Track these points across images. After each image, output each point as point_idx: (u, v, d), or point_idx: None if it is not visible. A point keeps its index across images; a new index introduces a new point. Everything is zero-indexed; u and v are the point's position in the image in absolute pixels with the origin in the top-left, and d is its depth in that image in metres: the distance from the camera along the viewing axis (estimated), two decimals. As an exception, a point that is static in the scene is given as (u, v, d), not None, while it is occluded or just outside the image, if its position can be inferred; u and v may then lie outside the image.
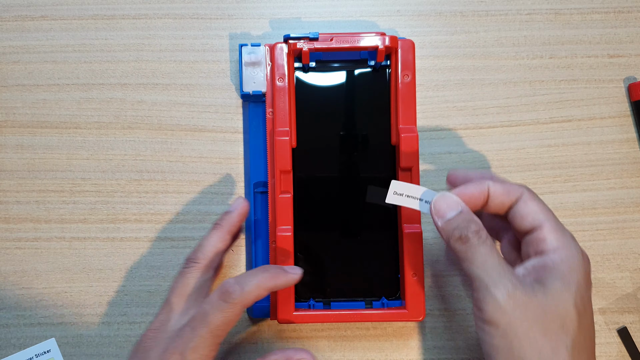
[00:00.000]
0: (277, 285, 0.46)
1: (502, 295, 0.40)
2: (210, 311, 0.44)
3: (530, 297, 0.40)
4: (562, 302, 0.40)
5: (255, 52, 0.54)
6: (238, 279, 0.45)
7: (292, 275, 0.47)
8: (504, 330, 0.40)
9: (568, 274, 0.41)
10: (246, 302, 0.44)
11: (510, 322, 0.40)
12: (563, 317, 0.40)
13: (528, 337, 0.39)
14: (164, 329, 0.46)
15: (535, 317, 0.40)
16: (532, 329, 0.40)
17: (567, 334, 0.39)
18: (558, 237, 0.42)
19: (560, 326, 0.39)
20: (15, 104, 0.58)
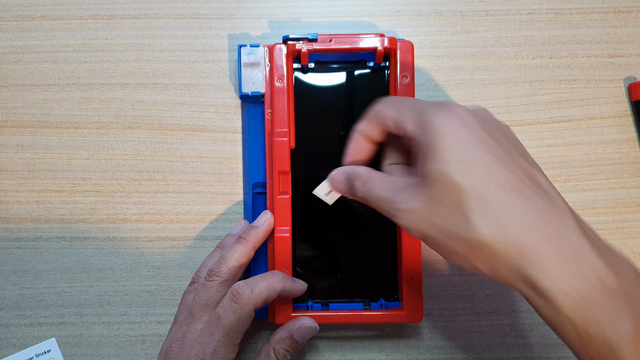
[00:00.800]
0: (285, 290, 0.48)
1: (400, 214, 0.39)
2: (223, 314, 0.46)
3: (423, 195, 0.38)
4: (441, 182, 0.37)
5: (254, 52, 0.54)
6: (248, 281, 0.47)
7: (298, 285, 0.50)
8: (427, 238, 0.39)
9: (431, 151, 0.38)
10: (257, 303, 0.46)
11: (424, 230, 0.38)
12: (451, 191, 0.37)
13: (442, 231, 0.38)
14: (187, 339, 0.47)
15: (436, 210, 0.38)
16: (441, 222, 0.38)
17: (467, 205, 0.36)
18: (416, 121, 0.40)
19: (456, 207, 0.37)
20: (16, 104, 0.58)
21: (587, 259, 0.34)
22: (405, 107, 0.42)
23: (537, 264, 0.34)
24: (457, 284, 0.56)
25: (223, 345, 0.46)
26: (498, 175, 0.36)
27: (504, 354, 0.56)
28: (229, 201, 0.57)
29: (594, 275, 0.33)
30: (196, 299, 0.48)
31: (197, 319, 0.48)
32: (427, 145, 0.39)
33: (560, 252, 0.34)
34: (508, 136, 0.40)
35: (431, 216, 0.38)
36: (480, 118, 0.39)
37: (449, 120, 0.38)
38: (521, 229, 0.35)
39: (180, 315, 0.49)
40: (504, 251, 0.35)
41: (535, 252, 0.35)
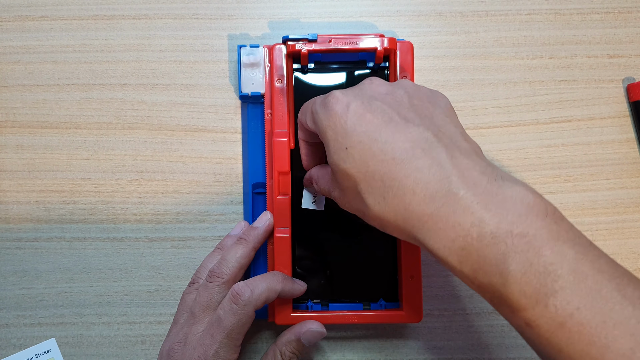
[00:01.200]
0: (285, 290, 0.49)
1: (337, 202, 0.44)
2: (223, 316, 0.46)
3: (336, 184, 0.43)
4: (337, 172, 0.41)
5: (254, 53, 0.54)
6: (248, 282, 0.47)
7: (298, 285, 0.50)
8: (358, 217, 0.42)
9: (325, 145, 0.41)
10: (257, 304, 0.46)
11: (352, 212, 0.43)
12: (346, 178, 0.40)
13: (358, 211, 0.42)
14: (188, 340, 0.47)
15: (346, 196, 0.42)
16: (354, 204, 0.41)
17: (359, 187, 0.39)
18: (312, 120, 0.43)
19: (354, 191, 0.40)
20: (16, 104, 0.58)
21: (466, 210, 0.34)
22: (307, 109, 0.45)
23: (420, 227, 0.36)
24: (457, 284, 0.56)
25: (225, 346, 0.46)
26: (373, 149, 0.38)
27: (503, 354, 0.56)
28: (229, 201, 0.57)
29: (470, 224, 0.34)
30: (197, 300, 0.48)
31: (198, 321, 0.48)
32: (322, 140, 0.42)
33: (439, 209, 0.35)
34: (398, 100, 0.41)
35: (347, 201, 0.42)
36: (364, 95, 0.41)
37: (327, 112, 0.40)
38: (402, 197, 0.36)
39: (181, 317, 0.49)
40: (395, 222, 0.37)
41: (416, 216, 0.36)
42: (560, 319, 0.32)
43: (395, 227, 0.38)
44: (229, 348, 0.46)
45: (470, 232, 0.34)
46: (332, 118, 0.40)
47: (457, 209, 0.34)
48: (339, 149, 0.39)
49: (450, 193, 0.35)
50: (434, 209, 0.35)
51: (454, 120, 0.40)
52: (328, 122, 0.40)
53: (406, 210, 0.36)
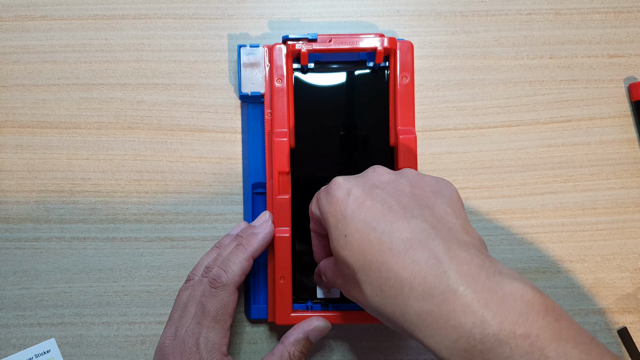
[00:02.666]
0: (255, 250, 0.49)
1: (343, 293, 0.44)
2: (205, 301, 0.47)
3: (339, 274, 0.43)
4: (338, 259, 0.40)
5: (253, 53, 0.54)
6: (220, 265, 0.48)
7: (262, 234, 0.50)
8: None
9: (328, 233, 0.41)
10: (235, 280, 0.47)
11: (354, 301, 0.42)
12: (346, 266, 0.40)
13: (359, 302, 0.41)
14: (179, 334, 0.47)
15: (348, 285, 0.42)
16: (354, 294, 0.41)
17: (357, 276, 0.39)
18: (318, 208, 0.44)
19: (354, 280, 0.39)
20: (15, 104, 0.58)
21: (466, 309, 0.33)
22: (314, 198, 0.46)
23: (419, 325, 0.35)
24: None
25: (213, 330, 0.46)
26: (371, 238, 0.38)
27: (503, 354, 0.56)
28: (229, 201, 0.57)
29: (472, 324, 0.33)
30: (192, 295, 0.48)
31: (188, 314, 0.48)
32: (325, 227, 0.42)
33: (438, 307, 0.34)
34: (399, 189, 0.41)
35: (348, 290, 0.42)
36: (366, 183, 0.41)
37: (329, 198, 0.41)
38: (400, 290, 0.36)
39: (175, 313, 0.49)
40: (393, 316, 0.37)
41: (414, 312, 0.35)
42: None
43: (392, 321, 0.37)
44: (217, 331, 0.46)
45: (473, 333, 0.33)
46: (333, 205, 0.40)
47: (457, 307, 0.34)
48: (338, 236, 0.39)
49: (449, 289, 0.34)
50: (432, 306, 0.34)
51: (456, 211, 0.40)
52: (329, 209, 0.41)
53: (404, 304, 0.36)
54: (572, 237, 0.57)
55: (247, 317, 0.56)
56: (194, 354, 0.45)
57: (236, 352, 0.56)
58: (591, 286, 0.57)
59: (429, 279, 0.35)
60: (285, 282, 0.51)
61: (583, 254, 0.57)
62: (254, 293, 0.55)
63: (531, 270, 0.57)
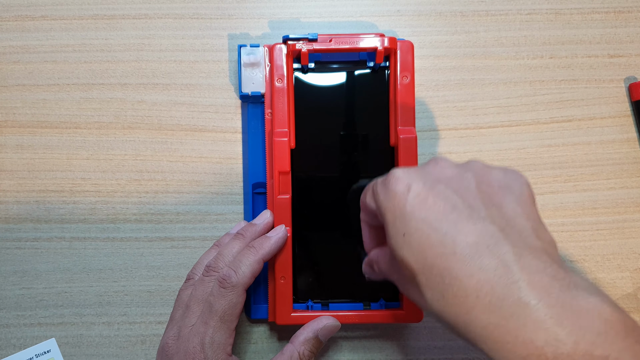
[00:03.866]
0: (267, 253, 0.49)
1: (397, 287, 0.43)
2: (214, 301, 0.46)
3: (396, 270, 0.41)
4: (396, 258, 0.38)
5: (254, 53, 0.54)
6: (230, 265, 0.47)
7: (275, 239, 0.50)
8: None
9: (385, 228, 0.39)
10: (245, 282, 0.47)
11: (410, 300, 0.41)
12: (404, 266, 0.37)
13: (417, 303, 0.39)
14: (182, 334, 0.47)
15: (405, 284, 0.40)
16: (411, 294, 0.39)
17: (416, 279, 0.36)
18: (375, 201, 0.41)
19: (412, 281, 0.37)
20: (16, 104, 0.58)
21: (538, 324, 0.31)
22: (369, 190, 0.42)
23: (485, 338, 0.33)
24: (457, 284, 0.56)
25: (219, 330, 0.46)
26: (432, 239, 0.35)
27: (504, 354, 0.56)
28: (229, 201, 0.57)
29: (544, 342, 0.31)
30: (193, 294, 0.48)
31: (192, 313, 0.47)
32: (382, 222, 0.39)
33: (507, 321, 0.32)
34: (465, 185, 0.38)
35: (406, 289, 0.40)
36: (427, 177, 0.38)
37: (387, 193, 0.38)
38: (464, 299, 0.33)
39: (176, 313, 0.49)
40: (456, 324, 0.34)
41: (480, 324, 0.33)
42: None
43: (454, 330, 0.35)
44: (223, 332, 0.46)
45: (545, 351, 0.30)
46: (391, 200, 0.37)
47: (528, 323, 0.31)
48: (396, 234, 0.37)
49: (520, 302, 0.31)
50: (500, 319, 0.32)
51: (527, 210, 0.37)
52: (387, 204, 0.38)
53: (468, 314, 0.33)
54: (572, 237, 0.57)
55: (248, 317, 0.56)
56: (199, 354, 0.45)
57: (237, 352, 0.56)
58: (591, 286, 0.57)
59: (497, 290, 0.32)
60: (286, 282, 0.51)
61: (583, 254, 0.57)
62: (254, 293, 0.55)
63: (531, 270, 0.57)
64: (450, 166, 0.39)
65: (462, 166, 0.39)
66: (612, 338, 0.30)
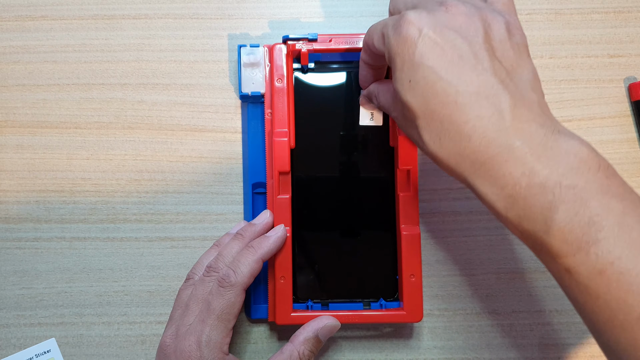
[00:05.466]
0: (265, 253, 0.49)
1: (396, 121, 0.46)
2: (212, 299, 0.46)
3: (398, 108, 0.44)
4: (400, 100, 0.40)
5: (254, 53, 0.54)
6: (230, 265, 0.48)
7: (274, 238, 0.50)
8: None
9: (391, 70, 0.41)
10: (243, 282, 0.47)
11: (407, 136, 0.44)
12: (407, 109, 0.40)
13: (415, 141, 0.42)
14: (180, 332, 0.47)
15: (406, 123, 0.42)
16: (411, 133, 0.42)
17: (417, 122, 0.39)
18: (382, 41, 0.42)
19: (413, 124, 0.40)
20: (16, 104, 0.58)
21: (518, 160, 0.35)
22: (376, 30, 0.43)
23: (472, 172, 0.37)
24: (457, 284, 0.56)
25: (216, 329, 0.46)
26: (436, 87, 0.37)
27: (504, 354, 0.56)
28: (229, 201, 0.57)
29: (521, 173, 0.34)
30: (193, 294, 0.48)
31: (190, 313, 0.47)
32: (390, 65, 0.41)
33: (492, 158, 0.35)
34: (472, 33, 0.39)
35: (405, 127, 0.43)
36: (438, 22, 0.39)
37: (398, 37, 0.39)
38: (458, 142, 0.37)
39: (176, 312, 0.49)
40: (448, 162, 0.38)
41: (469, 161, 0.37)
42: (600, 267, 0.32)
43: (447, 167, 0.38)
44: (220, 330, 0.46)
45: (520, 181, 0.34)
46: (401, 45, 0.39)
47: (510, 159, 0.35)
48: (403, 79, 0.39)
49: (506, 144, 0.35)
50: (487, 157, 0.36)
51: (525, 62, 0.39)
52: (397, 49, 0.39)
53: (460, 155, 0.37)
54: (572, 237, 0.57)
55: (248, 317, 0.56)
56: (194, 352, 0.45)
57: (236, 351, 0.55)
58: (591, 286, 0.57)
59: (488, 134, 0.36)
60: (286, 282, 0.51)
61: (583, 254, 0.57)
62: (254, 293, 0.55)
63: (531, 270, 0.57)
64: (461, 13, 0.40)
65: (474, 14, 0.40)
66: (582, 172, 0.34)
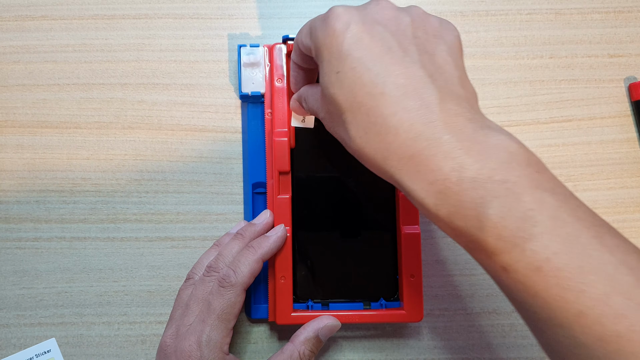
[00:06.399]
0: (266, 253, 0.49)
1: (323, 122, 0.43)
2: (212, 299, 0.46)
3: (323, 106, 0.41)
4: (326, 94, 0.39)
5: (254, 52, 0.54)
6: (230, 265, 0.48)
7: (274, 238, 0.50)
8: None
9: (318, 64, 0.40)
10: (243, 282, 0.47)
11: (335, 136, 0.41)
12: (333, 103, 0.38)
13: (340, 139, 0.40)
14: (180, 332, 0.47)
15: (332, 120, 0.41)
16: (337, 130, 0.40)
17: (344, 117, 0.38)
18: (310, 37, 0.41)
19: (339, 119, 0.39)
20: (16, 104, 0.58)
21: (447, 154, 0.33)
22: (305, 26, 0.43)
23: (399, 168, 0.35)
24: (457, 284, 0.56)
25: (216, 329, 0.46)
26: (364, 79, 0.36)
27: (504, 354, 0.56)
28: (229, 201, 0.57)
29: (450, 168, 0.33)
30: (193, 294, 0.48)
31: (191, 313, 0.48)
32: (316, 59, 0.40)
33: (420, 152, 0.34)
34: (402, 29, 0.38)
35: (332, 125, 0.41)
36: (367, 17, 0.38)
37: (325, 29, 0.38)
38: (385, 135, 0.36)
39: (176, 312, 0.49)
40: (375, 159, 0.37)
41: (396, 156, 0.35)
42: (537, 263, 0.32)
43: (373, 164, 0.37)
44: (220, 330, 0.46)
45: (450, 176, 0.33)
46: (329, 37, 0.38)
47: (438, 153, 0.34)
48: (330, 72, 0.38)
49: (434, 137, 0.34)
50: (415, 151, 0.34)
51: (456, 61, 0.39)
52: (324, 41, 0.38)
53: (387, 150, 0.36)
54: (572, 236, 0.57)
55: (248, 316, 0.56)
56: (195, 352, 0.45)
57: (237, 351, 0.55)
58: (591, 286, 0.57)
59: (416, 127, 0.35)
60: (286, 282, 0.51)
61: (583, 254, 0.57)
62: (254, 293, 0.55)
63: (531, 270, 0.57)
64: (390, 7, 0.40)
65: (402, 10, 0.40)
66: (513, 166, 0.33)
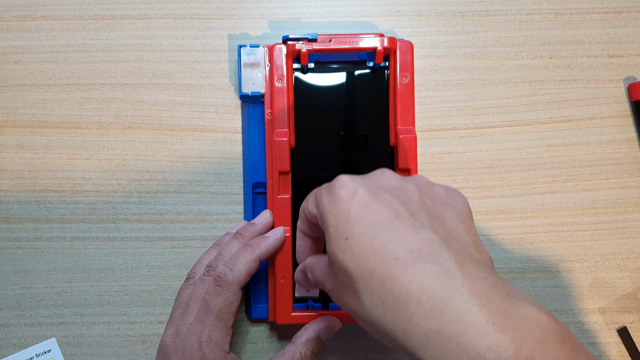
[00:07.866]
0: (263, 253, 0.49)
1: (330, 297, 0.40)
2: (209, 299, 0.47)
3: (331, 277, 0.39)
4: (334, 262, 0.37)
5: (254, 53, 0.54)
6: (226, 263, 0.48)
7: (272, 239, 0.50)
8: None
9: (324, 232, 0.38)
10: (240, 280, 0.47)
11: (345, 310, 0.38)
12: (343, 271, 0.36)
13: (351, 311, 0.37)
14: (180, 332, 0.47)
15: (341, 291, 0.38)
16: (347, 302, 0.37)
17: (355, 284, 0.35)
18: (315, 205, 0.41)
19: (351, 288, 0.36)
20: (16, 104, 0.58)
21: (480, 331, 0.30)
22: (311, 195, 0.42)
23: (425, 345, 0.32)
24: (457, 283, 0.56)
25: (216, 329, 0.46)
26: (375, 244, 0.34)
27: (503, 353, 0.56)
28: (229, 201, 0.57)
29: (486, 348, 0.30)
30: (193, 293, 0.49)
31: (190, 312, 0.48)
32: (322, 227, 0.39)
33: (448, 327, 0.31)
34: (408, 196, 0.38)
35: (340, 297, 0.38)
36: (373, 185, 0.38)
37: (331, 197, 0.37)
38: (405, 305, 0.32)
39: (176, 311, 0.49)
40: (394, 332, 0.33)
41: (420, 331, 0.32)
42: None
43: (391, 338, 0.34)
44: (220, 330, 0.46)
45: (487, 358, 0.30)
46: (335, 204, 0.37)
47: (470, 329, 0.30)
48: (338, 238, 0.36)
49: (462, 308, 0.31)
50: (442, 325, 0.31)
51: (467, 226, 0.37)
52: (330, 208, 0.37)
53: (408, 321, 0.32)
54: (572, 236, 0.57)
55: (248, 316, 0.56)
56: (196, 352, 0.45)
57: (237, 351, 0.56)
58: (591, 286, 0.57)
59: (439, 295, 0.32)
60: (286, 282, 0.51)
61: (583, 254, 0.57)
62: (254, 293, 0.55)
63: (531, 270, 0.57)
64: (395, 177, 0.39)
65: (407, 179, 0.39)
66: (550, 345, 0.30)
